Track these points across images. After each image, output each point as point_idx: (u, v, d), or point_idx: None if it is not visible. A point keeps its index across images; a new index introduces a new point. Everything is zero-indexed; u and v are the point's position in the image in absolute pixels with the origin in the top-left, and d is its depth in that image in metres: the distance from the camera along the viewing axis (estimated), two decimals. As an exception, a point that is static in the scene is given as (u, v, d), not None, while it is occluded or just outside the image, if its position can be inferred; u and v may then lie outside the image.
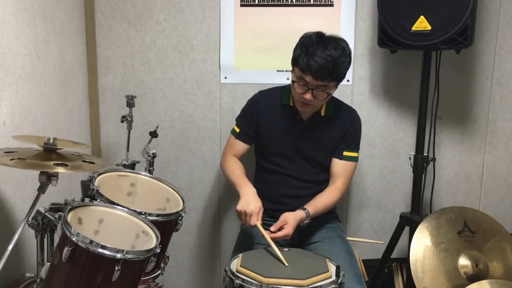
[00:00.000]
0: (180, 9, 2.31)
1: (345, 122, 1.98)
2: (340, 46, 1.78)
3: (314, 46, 1.76)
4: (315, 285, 1.46)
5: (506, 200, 2.39)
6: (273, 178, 2.03)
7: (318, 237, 1.97)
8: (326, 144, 1.99)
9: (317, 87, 1.79)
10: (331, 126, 1.97)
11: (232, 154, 2.07)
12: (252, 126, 2.03)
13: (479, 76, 2.30)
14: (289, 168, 2.00)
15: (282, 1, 2.27)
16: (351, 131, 1.98)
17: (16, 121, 1.70)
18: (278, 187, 2.02)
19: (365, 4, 2.27)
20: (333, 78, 1.78)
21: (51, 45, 1.95)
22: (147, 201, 1.76)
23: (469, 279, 1.95)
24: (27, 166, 1.32)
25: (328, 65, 1.74)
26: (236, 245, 2.04)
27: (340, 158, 1.99)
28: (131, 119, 2.07)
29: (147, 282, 1.71)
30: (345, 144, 1.99)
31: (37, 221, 1.45)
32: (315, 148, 1.98)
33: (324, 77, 1.76)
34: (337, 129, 1.98)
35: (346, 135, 1.98)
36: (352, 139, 1.99)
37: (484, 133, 2.35)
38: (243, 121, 2.06)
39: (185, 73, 2.36)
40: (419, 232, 2.02)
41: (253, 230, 2.01)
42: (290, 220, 1.78)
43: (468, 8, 1.87)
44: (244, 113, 2.07)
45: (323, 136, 1.98)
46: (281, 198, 2.01)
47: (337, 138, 1.98)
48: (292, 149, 1.99)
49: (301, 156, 1.99)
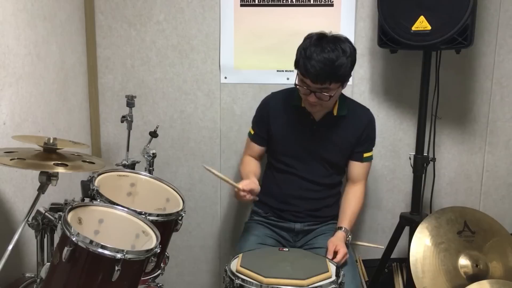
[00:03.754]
0: (180, 9, 2.31)
1: (360, 123, 1.96)
2: (339, 47, 1.75)
3: (312, 49, 1.75)
4: (315, 285, 1.46)
5: (506, 200, 2.39)
6: (283, 178, 2.02)
7: (321, 243, 1.94)
8: (339, 144, 1.97)
9: (318, 90, 1.78)
10: (344, 126, 1.96)
11: (249, 155, 2.10)
12: (264, 128, 2.04)
13: (479, 76, 2.30)
14: (300, 169, 1.99)
15: (282, 1, 2.27)
16: (367, 132, 1.97)
17: (16, 121, 1.70)
18: (287, 187, 2.01)
19: (365, 4, 2.27)
20: (333, 80, 1.76)
21: (51, 45, 1.95)
22: (147, 201, 1.76)
23: (469, 279, 1.95)
24: (27, 166, 1.32)
25: (325, 69, 1.73)
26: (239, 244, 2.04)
27: (361, 161, 1.99)
28: (131, 119, 2.07)
29: (147, 282, 1.71)
30: (364, 146, 1.98)
31: (37, 221, 1.46)
32: (327, 148, 1.97)
33: (322, 80, 1.75)
34: (351, 130, 1.96)
35: (363, 137, 1.96)
36: (369, 140, 2.00)
37: (484, 133, 2.35)
38: (256, 124, 2.08)
39: (185, 73, 2.36)
40: (419, 232, 2.02)
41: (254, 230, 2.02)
42: (339, 242, 1.82)
43: (468, 8, 1.87)
44: (256, 115, 2.09)
45: (336, 136, 1.96)
46: (289, 198, 2.00)
47: (351, 139, 1.96)
48: (303, 150, 1.98)
49: (313, 157, 1.98)
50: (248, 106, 2.37)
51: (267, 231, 2.02)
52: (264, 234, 2.00)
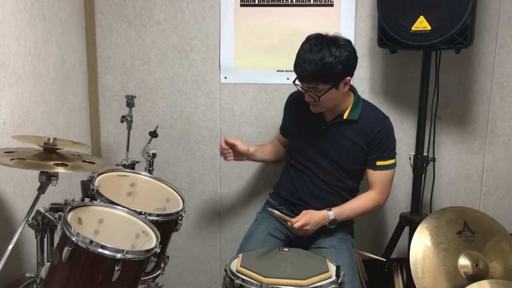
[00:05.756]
0: (180, 9, 2.31)
1: (371, 130, 1.93)
2: (327, 49, 1.77)
3: (302, 49, 1.82)
4: (315, 285, 1.46)
5: (506, 200, 2.39)
6: (296, 174, 2.06)
7: (327, 243, 1.94)
8: (348, 148, 1.96)
9: (308, 90, 1.84)
10: (354, 131, 1.94)
11: (277, 139, 2.28)
12: (285, 121, 2.19)
13: (479, 76, 2.30)
14: (311, 166, 2.01)
15: (282, 1, 2.27)
16: (379, 139, 1.93)
17: (16, 121, 1.70)
18: (299, 183, 2.04)
19: (365, 4, 2.27)
20: (319, 80, 1.79)
21: (51, 45, 1.95)
22: (147, 201, 1.76)
23: (469, 279, 1.94)
24: (27, 166, 1.32)
25: (310, 69, 1.77)
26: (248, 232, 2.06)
27: (373, 169, 1.96)
28: (131, 119, 2.07)
29: (147, 282, 1.71)
30: (376, 154, 1.95)
31: (37, 221, 1.46)
32: (336, 150, 1.97)
33: (308, 80, 1.81)
34: (361, 136, 1.94)
35: (374, 144, 1.93)
36: (383, 148, 1.94)
37: (484, 133, 2.35)
38: (283, 116, 2.21)
39: (185, 73, 2.37)
40: (419, 232, 2.02)
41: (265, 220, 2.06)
42: (308, 213, 1.86)
43: (468, 8, 1.87)
44: (284, 108, 2.19)
45: (345, 139, 1.95)
46: (301, 194, 2.02)
47: (362, 145, 1.94)
48: (313, 148, 2.00)
49: (322, 156, 1.99)
50: (248, 106, 2.37)
51: (277, 224, 2.05)
52: (274, 226, 2.04)
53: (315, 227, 1.87)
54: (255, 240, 1.94)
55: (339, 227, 1.98)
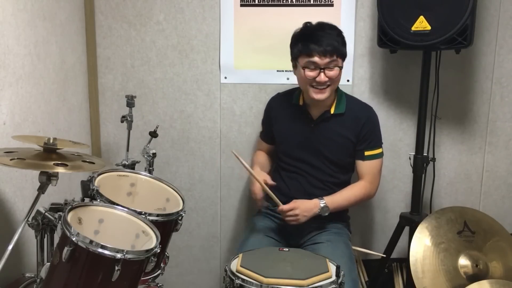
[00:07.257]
0: (180, 9, 2.31)
1: (358, 121, 1.97)
2: (334, 26, 1.89)
3: (312, 30, 1.87)
4: (315, 285, 1.46)
5: (506, 200, 2.39)
6: (289, 175, 2.06)
7: (323, 238, 1.95)
8: (338, 142, 1.98)
9: (328, 65, 1.84)
10: (342, 125, 1.97)
11: (260, 150, 2.25)
12: (269, 127, 2.14)
13: (479, 76, 2.30)
14: (304, 167, 2.02)
15: (282, 1, 2.27)
16: (366, 130, 1.97)
17: (16, 121, 1.70)
18: (293, 184, 2.04)
19: (365, 4, 2.27)
20: (339, 53, 1.85)
21: (51, 45, 1.95)
22: (147, 201, 1.76)
23: (469, 279, 1.95)
24: (27, 166, 1.32)
25: (332, 41, 1.83)
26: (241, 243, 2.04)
27: (362, 159, 1.99)
28: (131, 119, 2.07)
29: (147, 282, 1.71)
30: (364, 144, 1.98)
31: (37, 221, 1.45)
32: (326, 146, 1.98)
33: (331, 52, 1.83)
34: (350, 128, 1.97)
35: (362, 134, 1.97)
36: (370, 138, 1.98)
37: (484, 133, 2.35)
38: (263, 122, 2.22)
39: (185, 73, 2.36)
40: (419, 232, 2.02)
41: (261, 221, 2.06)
42: (298, 201, 1.87)
43: (468, 8, 1.87)
44: (263, 115, 2.20)
45: (334, 134, 1.97)
46: (295, 194, 2.01)
47: (351, 137, 1.97)
48: (304, 147, 2.00)
49: (314, 155, 2.00)
50: (248, 106, 2.37)
51: (273, 226, 2.05)
52: (270, 228, 2.03)
53: (307, 213, 1.87)
54: (253, 242, 1.93)
55: (335, 222, 2.00)
